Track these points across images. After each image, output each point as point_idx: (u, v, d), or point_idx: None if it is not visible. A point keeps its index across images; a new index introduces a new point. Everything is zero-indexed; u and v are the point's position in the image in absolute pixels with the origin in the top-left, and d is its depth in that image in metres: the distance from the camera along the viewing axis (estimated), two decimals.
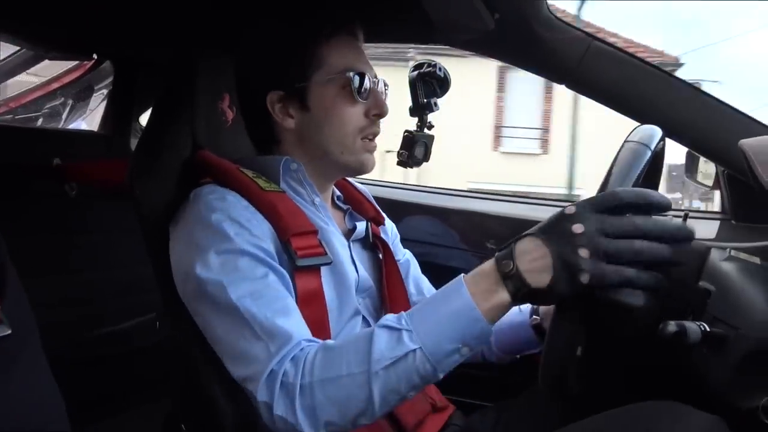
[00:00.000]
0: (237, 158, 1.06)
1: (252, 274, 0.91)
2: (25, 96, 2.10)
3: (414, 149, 1.33)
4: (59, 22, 1.53)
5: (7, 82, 2.04)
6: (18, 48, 1.82)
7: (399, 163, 1.35)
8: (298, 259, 0.95)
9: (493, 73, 12.70)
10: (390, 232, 1.27)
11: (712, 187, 1.45)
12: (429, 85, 1.30)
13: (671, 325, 0.83)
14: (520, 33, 1.24)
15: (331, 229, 1.07)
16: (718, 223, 1.44)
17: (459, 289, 0.82)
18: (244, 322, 0.88)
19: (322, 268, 0.99)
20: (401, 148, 1.34)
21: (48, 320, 0.71)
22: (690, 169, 1.46)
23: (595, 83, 1.27)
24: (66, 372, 0.71)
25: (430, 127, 1.35)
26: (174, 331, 1.04)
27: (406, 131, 1.34)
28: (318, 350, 0.86)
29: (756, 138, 1.03)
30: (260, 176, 1.02)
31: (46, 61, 1.94)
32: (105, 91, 2.05)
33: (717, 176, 1.42)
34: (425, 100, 1.31)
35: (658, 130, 0.92)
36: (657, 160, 0.99)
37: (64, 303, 1.59)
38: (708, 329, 0.85)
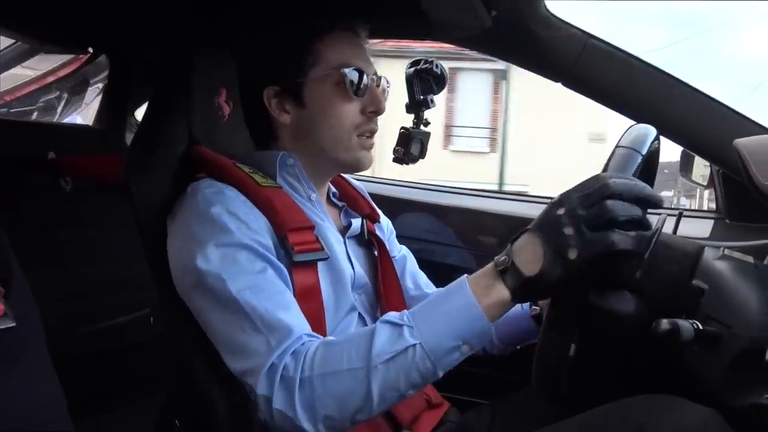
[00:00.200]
0: (233, 154, 1.06)
1: (251, 268, 0.91)
2: (20, 89, 2.09)
3: (410, 146, 1.33)
4: (55, 16, 1.52)
5: (2, 75, 2.03)
6: (13, 41, 1.82)
7: (395, 160, 1.35)
8: (295, 255, 0.95)
9: None
10: (386, 229, 1.28)
11: (707, 186, 1.46)
12: (425, 82, 1.30)
13: (664, 323, 0.83)
14: (517, 31, 1.24)
15: (327, 225, 1.08)
16: (712, 222, 1.45)
17: (461, 288, 0.84)
18: (244, 315, 0.88)
19: (319, 264, 0.99)
20: (397, 145, 1.34)
21: (42, 315, 0.71)
22: (685, 168, 1.47)
23: (591, 81, 1.27)
24: (60, 367, 0.71)
25: (426, 124, 1.35)
26: (169, 326, 1.04)
27: (402, 128, 1.34)
28: (319, 345, 0.86)
29: (751, 137, 1.03)
30: (257, 172, 1.02)
31: (41, 54, 1.93)
32: (100, 85, 2.04)
33: (711, 175, 1.42)
34: (421, 97, 1.31)
35: (650, 132, 0.91)
36: (652, 159, 0.99)
37: (59, 298, 1.58)
38: (701, 327, 0.85)
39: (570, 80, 1.29)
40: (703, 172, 1.44)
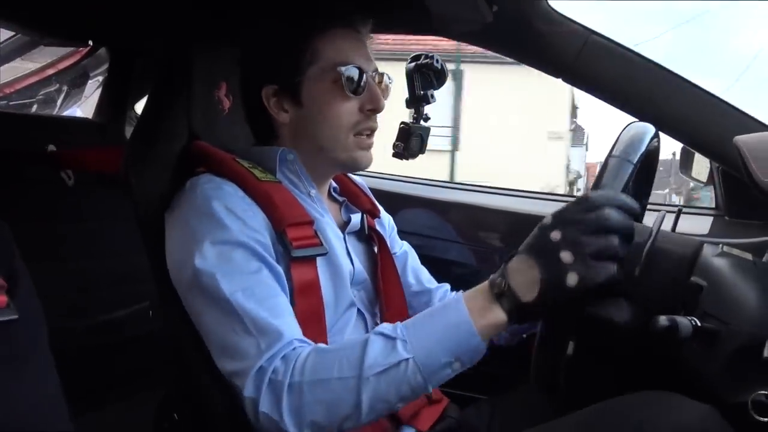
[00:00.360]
0: (233, 148, 1.06)
1: (246, 268, 0.91)
2: (20, 82, 2.08)
3: (410, 141, 1.33)
4: (55, 8, 1.52)
5: (2, 68, 2.02)
6: (13, 33, 1.81)
7: (394, 155, 1.35)
8: (294, 250, 0.95)
9: None
10: (387, 225, 1.27)
11: (707, 183, 1.45)
12: (426, 77, 1.30)
13: (662, 320, 0.83)
14: (519, 26, 1.24)
15: (327, 221, 1.07)
16: (711, 219, 1.45)
17: (457, 305, 0.84)
18: (236, 317, 0.88)
19: (318, 260, 0.99)
20: (397, 140, 1.34)
21: (42, 308, 0.71)
22: (685, 165, 1.47)
23: (592, 78, 1.27)
24: (60, 360, 0.71)
25: (426, 119, 1.34)
26: (168, 321, 1.04)
27: (402, 123, 1.34)
28: (311, 351, 0.86)
29: (751, 134, 1.03)
30: (256, 166, 1.02)
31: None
32: (100, 78, 2.04)
33: (711, 172, 1.42)
34: (422, 92, 1.30)
35: (645, 135, 0.91)
36: (651, 158, 0.99)
37: (58, 291, 1.58)
38: (699, 324, 0.85)
39: (571, 76, 1.29)
40: (703, 169, 1.44)
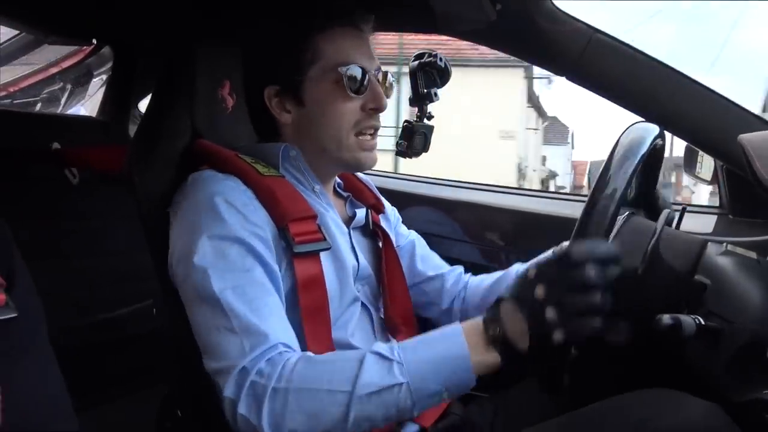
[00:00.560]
0: (236, 146, 1.06)
1: (240, 266, 0.91)
2: (25, 80, 2.09)
3: (413, 139, 1.33)
4: (60, 7, 1.52)
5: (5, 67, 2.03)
6: (18, 32, 1.82)
7: (398, 153, 1.35)
8: (296, 246, 0.95)
9: None
10: (392, 217, 1.27)
11: (711, 182, 1.45)
12: (429, 76, 1.30)
13: (666, 319, 0.83)
14: (522, 24, 1.23)
15: (332, 215, 1.07)
16: (716, 218, 1.44)
17: (456, 337, 0.84)
18: (223, 315, 0.87)
19: (323, 255, 0.99)
20: (400, 138, 1.34)
21: (45, 306, 0.72)
22: (689, 164, 1.46)
23: (596, 76, 1.26)
24: (63, 358, 0.71)
25: (430, 118, 1.34)
26: (171, 318, 1.04)
27: (406, 121, 1.34)
28: (300, 358, 0.85)
29: (756, 133, 1.03)
30: (259, 162, 1.01)
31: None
32: (104, 77, 2.04)
33: (715, 171, 1.42)
34: (425, 91, 1.30)
35: (644, 140, 0.90)
36: (657, 157, 0.98)
37: (62, 289, 1.59)
38: (703, 323, 0.85)
39: (574, 74, 1.28)
40: (707, 168, 1.43)
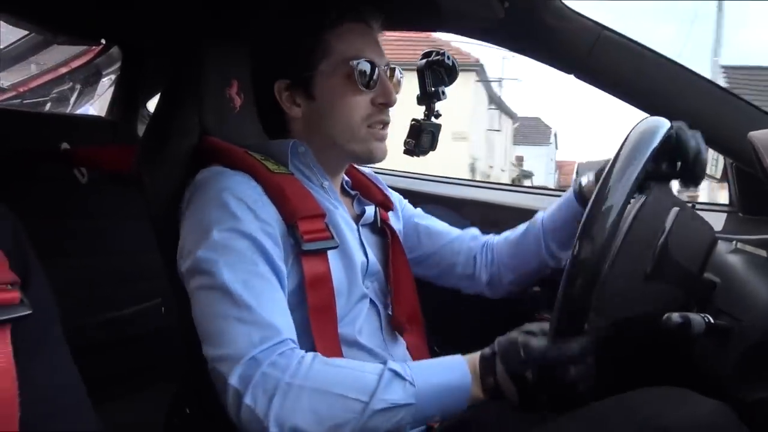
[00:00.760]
0: (245, 144, 1.06)
1: (250, 261, 0.91)
2: (34, 80, 2.10)
3: (421, 138, 1.33)
4: (69, 7, 1.53)
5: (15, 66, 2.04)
6: (27, 32, 1.83)
7: (405, 152, 1.35)
8: (304, 243, 0.95)
9: None
10: (398, 204, 1.28)
11: (720, 180, 1.44)
12: (437, 74, 1.30)
13: (675, 317, 0.83)
14: (530, 22, 1.23)
15: (340, 213, 1.08)
16: (725, 216, 1.43)
17: (461, 368, 0.90)
18: (232, 304, 0.88)
19: (331, 252, 0.99)
20: (408, 137, 1.34)
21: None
22: None
23: (605, 74, 1.26)
24: (73, 355, 0.72)
25: (438, 116, 1.34)
26: (180, 316, 1.04)
27: (413, 120, 1.34)
28: (316, 358, 0.87)
29: (765, 130, 1.02)
30: (268, 159, 1.02)
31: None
32: (113, 77, 2.05)
33: (725, 168, 1.41)
34: (433, 89, 1.30)
35: (653, 139, 0.89)
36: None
37: (71, 287, 1.59)
38: (712, 321, 0.85)
39: (583, 72, 1.28)
40: (717, 166, 1.43)
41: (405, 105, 1.13)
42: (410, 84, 1.27)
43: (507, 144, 20.35)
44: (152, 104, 2.05)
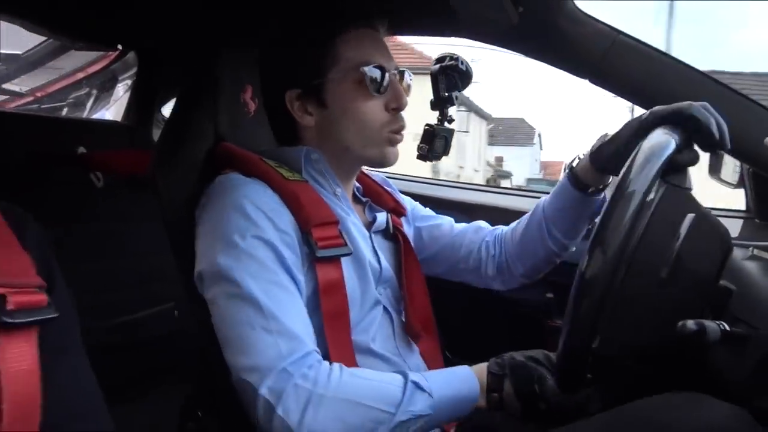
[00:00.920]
0: (257, 150, 1.07)
1: (271, 270, 0.92)
2: (51, 85, 2.13)
3: (434, 143, 1.33)
4: (86, 13, 1.55)
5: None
6: (45, 38, 1.85)
7: (419, 157, 1.35)
8: (319, 250, 0.95)
9: None
10: (408, 207, 1.28)
11: (737, 186, 1.43)
12: (450, 79, 1.30)
13: (690, 324, 0.82)
14: (544, 27, 1.22)
15: (353, 220, 1.08)
16: (741, 222, 1.42)
17: (471, 380, 0.95)
18: (257, 313, 0.88)
19: (344, 259, 1.00)
20: (421, 142, 1.34)
21: None
22: (714, 168, 1.44)
23: (620, 78, 1.25)
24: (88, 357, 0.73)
25: (451, 121, 1.34)
26: (193, 319, 1.05)
27: (427, 125, 1.34)
28: (342, 369, 0.89)
29: None
30: (283, 166, 1.02)
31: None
32: (128, 82, 2.07)
33: (741, 174, 1.40)
34: (446, 94, 1.30)
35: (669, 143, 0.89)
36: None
37: (86, 291, 1.60)
38: (728, 329, 0.84)
39: (597, 77, 1.27)
40: (733, 172, 1.41)
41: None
42: None
43: (481, 145, 20.27)
44: (167, 109, 2.06)
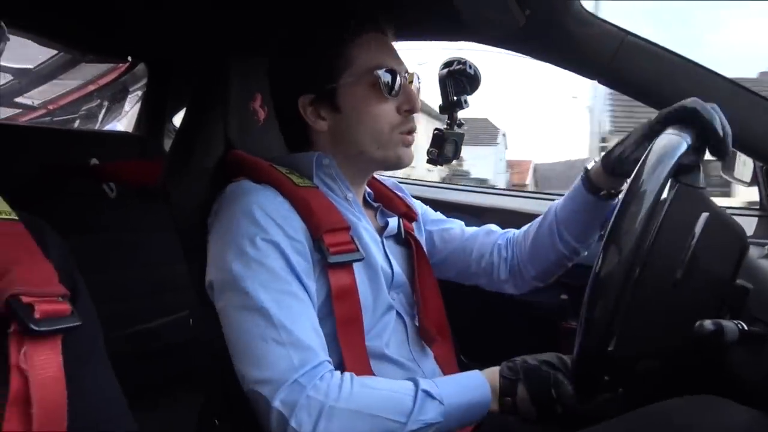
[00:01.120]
0: (268, 157, 1.07)
1: (282, 279, 0.92)
2: (63, 98, 2.15)
3: (444, 147, 1.33)
4: (95, 26, 1.56)
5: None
6: (56, 52, 1.87)
7: (429, 161, 1.35)
8: (330, 256, 0.96)
9: None
10: (419, 212, 1.28)
11: (750, 184, 1.42)
12: (459, 83, 1.30)
13: (708, 324, 0.81)
14: (552, 29, 1.22)
15: (364, 225, 1.08)
16: (756, 220, 1.41)
17: (483, 387, 0.95)
18: (268, 324, 0.89)
19: (356, 265, 1.00)
20: (431, 146, 1.34)
21: None
22: (727, 166, 1.43)
23: (629, 79, 1.24)
24: None
25: (460, 125, 1.34)
26: (208, 328, 1.05)
27: (436, 129, 1.34)
28: (354, 380, 0.89)
29: None
30: (293, 172, 1.03)
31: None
32: (139, 93, 2.09)
33: (755, 172, 1.39)
34: (455, 98, 1.30)
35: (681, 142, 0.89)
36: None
37: (101, 300, 1.61)
38: (746, 328, 0.83)
39: (606, 78, 1.27)
40: (746, 170, 1.40)
41: None
42: None
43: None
44: (178, 119, 2.07)
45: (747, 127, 1.20)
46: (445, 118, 1.35)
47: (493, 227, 1.32)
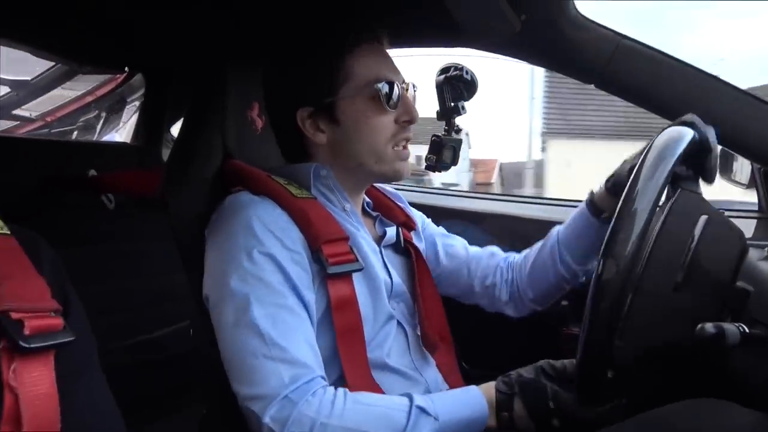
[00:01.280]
0: (265, 167, 1.07)
1: (278, 291, 0.92)
2: (61, 110, 2.15)
3: (442, 153, 1.33)
4: (91, 37, 1.57)
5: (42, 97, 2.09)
6: (53, 63, 1.87)
7: (427, 168, 1.35)
8: (330, 267, 0.95)
9: None
10: (419, 224, 1.27)
11: (748, 186, 1.42)
12: (456, 89, 1.30)
13: (709, 327, 0.81)
14: (548, 34, 1.23)
15: (363, 235, 1.08)
16: (755, 222, 1.41)
17: (480, 402, 0.94)
18: (260, 341, 0.88)
19: (355, 275, 0.99)
20: (429, 153, 1.34)
21: None
22: (724, 168, 1.43)
23: (625, 82, 1.25)
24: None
25: (458, 131, 1.34)
26: (206, 338, 1.05)
27: (434, 135, 1.34)
28: (347, 396, 0.88)
29: None
30: (291, 183, 1.03)
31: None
32: (137, 103, 2.09)
33: (752, 174, 1.39)
34: (452, 104, 1.30)
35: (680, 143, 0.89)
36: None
37: (100, 311, 1.61)
38: (747, 331, 0.83)
39: (602, 81, 1.27)
40: (744, 172, 1.40)
41: None
42: None
43: None
44: (176, 129, 2.08)
45: (744, 129, 1.21)
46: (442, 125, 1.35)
47: (496, 249, 1.32)
